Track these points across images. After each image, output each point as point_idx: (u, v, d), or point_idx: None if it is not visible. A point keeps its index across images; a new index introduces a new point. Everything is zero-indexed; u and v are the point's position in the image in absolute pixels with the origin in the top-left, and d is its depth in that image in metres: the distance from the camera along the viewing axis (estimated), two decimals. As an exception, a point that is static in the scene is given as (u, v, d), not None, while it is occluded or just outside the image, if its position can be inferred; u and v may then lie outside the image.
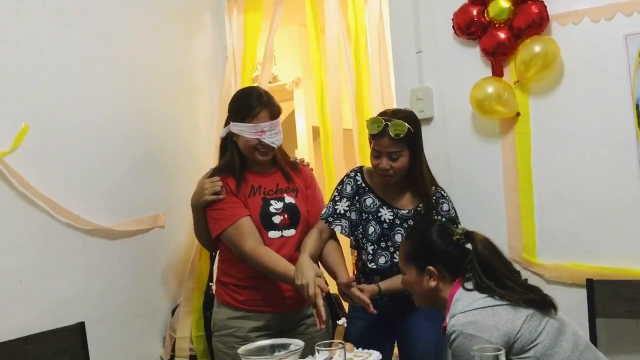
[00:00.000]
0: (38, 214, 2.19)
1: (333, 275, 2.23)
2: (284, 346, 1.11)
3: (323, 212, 2.30)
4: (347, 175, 2.35)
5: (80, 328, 2.20)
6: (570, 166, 2.36)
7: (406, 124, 2.13)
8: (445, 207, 2.25)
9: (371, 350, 1.94)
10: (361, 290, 2.10)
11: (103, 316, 2.39)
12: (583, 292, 2.27)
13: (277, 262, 2.14)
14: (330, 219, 2.26)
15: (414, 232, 2.02)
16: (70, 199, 2.29)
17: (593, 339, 2.20)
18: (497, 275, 1.74)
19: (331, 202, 2.31)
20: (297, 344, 1.08)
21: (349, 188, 2.30)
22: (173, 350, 2.70)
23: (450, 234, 1.85)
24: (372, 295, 2.13)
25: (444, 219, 2.21)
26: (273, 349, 1.12)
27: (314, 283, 1.98)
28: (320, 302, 1.96)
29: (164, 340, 2.74)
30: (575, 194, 2.36)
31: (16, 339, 2.02)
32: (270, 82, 3.71)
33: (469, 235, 1.83)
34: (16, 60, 2.16)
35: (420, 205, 2.25)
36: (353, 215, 2.28)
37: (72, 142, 2.33)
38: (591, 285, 2.26)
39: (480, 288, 1.73)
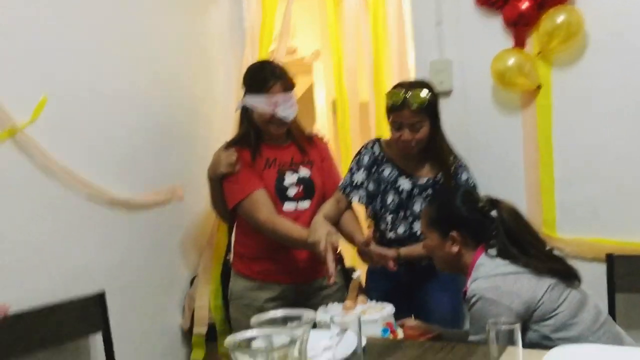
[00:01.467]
0: (58, 186, 2.20)
1: (350, 240, 2.25)
2: (297, 317, 1.11)
3: (340, 183, 2.32)
4: (364, 147, 2.36)
5: (100, 297, 2.24)
6: (592, 140, 2.32)
7: (425, 94, 2.13)
8: (464, 176, 2.25)
9: (385, 303, 1.96)
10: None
11: (123, 287, 2.42)
12: (603, 267, 2.25)
13: (292, 228, 2.18)
14: (348, 189, 2.28)
15: (439, 197, 2.04)
16: (90, 170, 2.30)
17: (612, 313, 2.18)
18: (522, 243, 1.74)
19: (348, 173, 2.33)
20: (309, 315, 1.08)
21: (366, 159, 2.31)
22: (192, 319, 2.74)
23: (475, 200, 1.86)
24: (391, 258, 2.16)
25: None
26: (285, 320, 1.12)
27: (326, 239, 2.00)
28: (330, 257, 1.98)
29: (183, 310, 2.78)
30: (597, 168, 2.32)
31: (37, 308, 2.06)
32: (288, 54, 3.69)
33: (494, 203, 1.82)
34: (34, 32, 2.15)
35: (439, 174, 2.24)
36: (370, 186, 2.29)
37: (91, 114, 2.34)
38: (611, 260, 2.23)
39: (504, 255, 1.73)
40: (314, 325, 1.85)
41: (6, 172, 2.03)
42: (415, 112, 2.13)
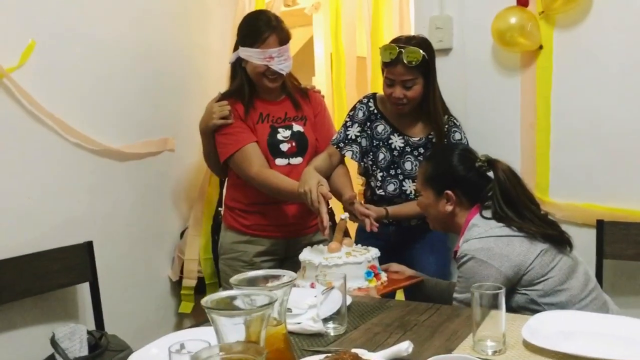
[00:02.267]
0: (46, 132, 2.17)
1: (338, 196, 2.24)
2: (277, 277, 1.10)
3: (334, 137, 2.29)
4: (360, 102, 2.33)
5: (88, 246, 2.24)
6: (590, 104, 2.28)
7: (420, 51, 2.09)
8: (457, 135, 2.23)
9: (370, 247, 1.97)
10: (367, 209, 2.11)
11: (111, 236, 2.42)
12: (593, 233, 2.24)
13: (283, 180, 2.16)
14: (342, 144, 2.26)
15: (436, 154, 2.01)
16: (79, 118, 2.27)
17: (599, 279, 2.18)
18: (517, 206, 1.73)
19: (342, 128, 2.30)
20: (290, 275, 1.07)
21: (360, 114, 2.28)
22: (182, 272, 2.75)
23: (473, 159, 1.84)
24: (378, 216, 2.15)
25: None
26: (266, 279, 1.11)
27: (317, 190, 1.98)
28: (323, 208, 1.98)
29: (173, 261, 2.78)
30: (594, 132, 2.28)
31: (24, 255, 2.06)
32: (288, 5, 3.60)
33: (492, 163, 1.81)
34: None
35: (432, 133, 2.21)
36: (364, 142, 2.27)
37: (82, 61, 2.29)
38: (601, 226, 2.22)
39: (498, 217, 1.73)
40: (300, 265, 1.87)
41: (-7, 117, 2.00)
42: (409, 69, 2.09)
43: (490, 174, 1.80)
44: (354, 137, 2.26)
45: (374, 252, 1.94)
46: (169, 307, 2.78)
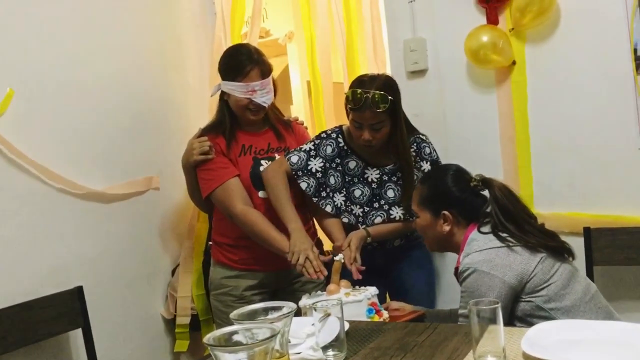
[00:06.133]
0: (29, 180, 2.16)
1: (329, 236, 2.24)
2: (277, 309, 1.10)
3: (295, 160, 2.21)
4: (328, 136, 2.28)
5: (78, 292, 2.21)
6: (567, 114, 2.32)
7: (388, 96, 2.07)
8: (427, 150, 2.23)
9: (368, 287, 1.96)
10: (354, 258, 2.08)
11: (101, 279, 2.40)
12: (581, 241, 2.26)
13: (270, 231, 2.13)
14: (300, 173, 2.21)
15: (430, 176, 2.03)
16: (61, 163, 2.26)
17: (590, 286, 2.21)
18: (517, 220, 1.77)
19: (305, 154, 2.22)
20: (289, 306, 1.07)
21: (329, 149, 2.24)
22: (175, 309, 2.72)
23: (467, 179, 1.86)
24: (361, 240, 2.13)
25: (427, 162, 2.20)
26: (266, 311, 1.11)
27: (305, 258, 1.98)
28: (310, 269, 1.97)
29: (165, 299, 2.76)
30: (573, 142, 2.32)
31: (14, 305, 2.03)
32: (262, 37, 3.64)
33: (486, 182, 1.83)
34: (-2, 24, 2.10)
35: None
36: (331, 179, 2.23)
37: (59, 105, 2.29)
38: (589, 234, 2.25)
39: (498, 232, 1.74)
40: (299, 312, 1.86)
41: (-25, 168, 1.98)
42: (376, 113, 2.07)
43: (485, 192, 1.83)
44: (314, 171, 2.21)
45: (373, 289, 1.93)
46: (165, 346, 2.75)
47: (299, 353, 1.47)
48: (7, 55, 2.11)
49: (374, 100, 2.05)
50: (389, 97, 2.07)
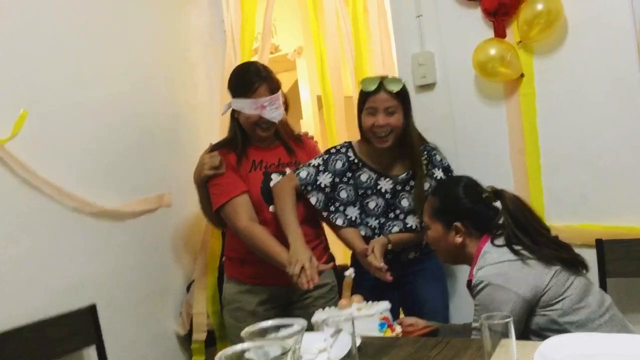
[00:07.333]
0: (43, 200, 2.18)
1: (350, 246, 2.25)
2: (288, 326, 1.11)
3: (303, 175, 2.23)
4: (338, 150, 2.30)
5: (91, 310, 2.22)
6: (576, 126, 2.32)
7: (401, 80, 2.17)
8: (438, 157, 2.27)
9: (380, 302, 1.96)
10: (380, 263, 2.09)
11: (114, 297, 2.41)
12: (593, 253, 2.25)
13: (271, 244, 2.13)
14: (309, 188, 2.23)
15: (442, 188, 2.03)
16: (74, 182, 2.28)
17: (604, 298, 2.19)
18: (530, 232, 1.76)
19: (314, 169, 2.25)
20: (300, 323, 1.07)
21: (339, 164, 2.26)
22: (191, 326, 2.73)
23: (479, 191, 1.86)
24: (383, 246, 2.15)
25: (440, 169, 2.23)
26: (277, 329, 1.11)
27: (303, 269, 1.98)
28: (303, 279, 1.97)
29: (180, 316, 2.76)
30: (583, 153, 2.32)
31: (28, 324, 2.04)
32: (271, 52, 3.67)
33: (498, 194, 1.83)
34: (10, 45, 2.13)
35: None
36: (343, 194, 2.25)
37: (71, 124, 2.32)
38: (601, 245, 2.24)
39: (512, 244, 1.73)
40: (311, 327, 1.85)
41: (-11, 188, 2.00)
42: (391, 95, 2.14)
43: (497, 204, 1.83)
44: (323, 186, 2.23)
45: (385, 304, 1.93)
46: (180, 362, 2.76)
47: (311, 369, 1.47)
48: (19, 76, 2.15)
49: (388, 82, 2.14)
50: (403, 83, 2.16)
